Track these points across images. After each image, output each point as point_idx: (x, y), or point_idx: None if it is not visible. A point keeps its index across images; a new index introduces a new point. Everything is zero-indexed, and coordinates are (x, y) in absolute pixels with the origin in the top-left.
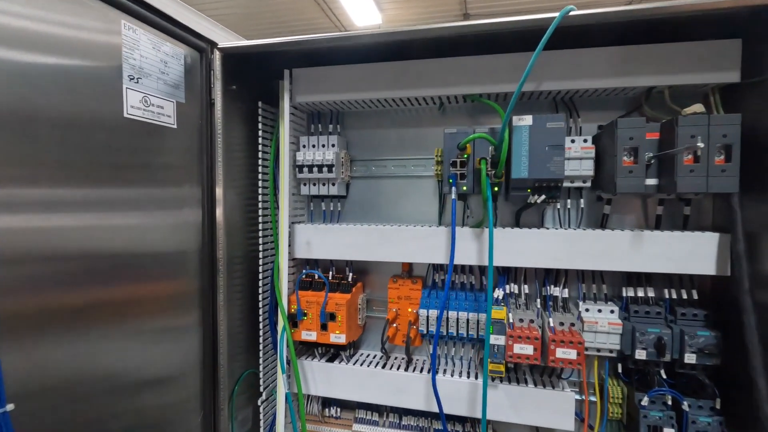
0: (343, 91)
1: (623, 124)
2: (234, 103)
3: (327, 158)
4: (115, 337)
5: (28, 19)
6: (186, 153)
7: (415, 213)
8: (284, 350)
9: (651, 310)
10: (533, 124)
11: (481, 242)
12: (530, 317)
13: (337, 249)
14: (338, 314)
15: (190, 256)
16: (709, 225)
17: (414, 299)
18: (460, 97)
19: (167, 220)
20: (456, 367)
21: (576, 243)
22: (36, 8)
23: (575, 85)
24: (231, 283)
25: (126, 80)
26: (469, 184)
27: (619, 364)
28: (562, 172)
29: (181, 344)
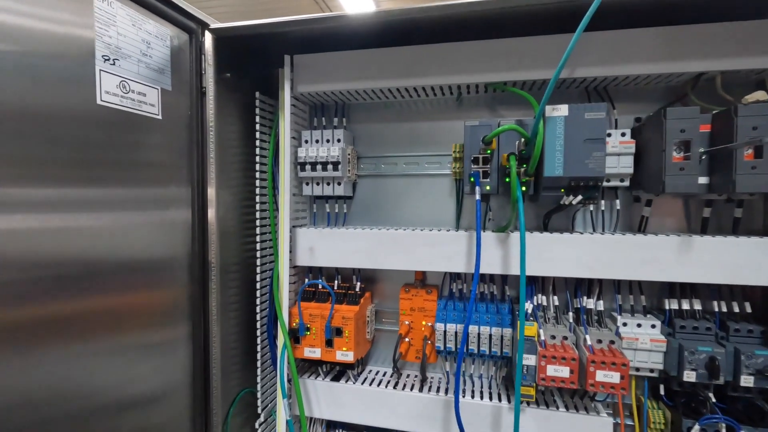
0: (351, 79)
1: (673, 114)
2: (228, 94)
3: (332, 154)
4: (92, 352)
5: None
6: (173, 147)
7: (430, 216)
8: (285, 369)
9: (699, 325)
10: (569, 114)
11: (506, 248)
12: (563, 333)
13: (343, 256)
14: (345, 329)
15: (179, 263)
16: (760, 228)
17: (428, 311)
18: (480, 86)
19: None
20: (475, 386)
21: (614, 250)
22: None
23: (614, 72)
24: (225, 293)
25: (99, 61)
26: (493, 183)
27: (661, 385)
28: (603, 169)
29: (168, 361)
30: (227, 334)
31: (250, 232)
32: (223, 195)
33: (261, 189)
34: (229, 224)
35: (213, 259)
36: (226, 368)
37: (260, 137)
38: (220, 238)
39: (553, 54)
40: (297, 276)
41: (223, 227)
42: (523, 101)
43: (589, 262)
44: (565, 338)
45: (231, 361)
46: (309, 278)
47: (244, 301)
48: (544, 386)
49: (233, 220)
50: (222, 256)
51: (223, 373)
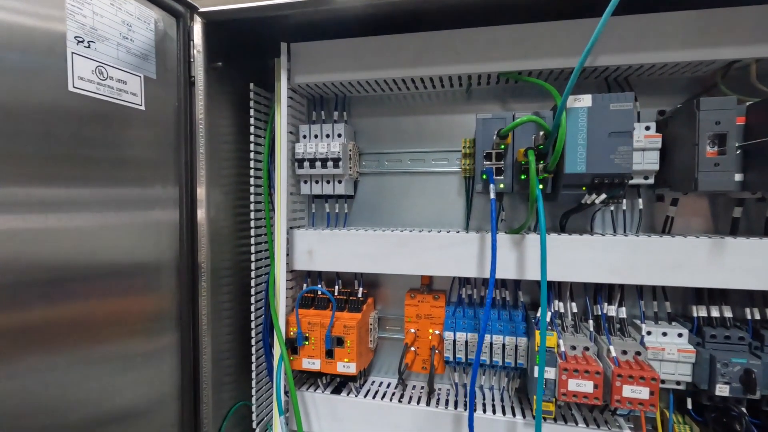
0: (352, 69)
1: (708, 104)
2: (220, 85)
3: (332, 150)
4: (70, 363)
5: None
6: (159, 142)
7: (436, 216)
8: (282, 382)
9: (731, 334)
10: (593, 105)
11: (521, 251)
12: (583, 343)
13: (344, 259)
14: (347, 338)
15: (165, 267)
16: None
17: (436, 318)
18: (492, 77)
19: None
20: (486, 399)
21: (640, 252)
22: None
23: (640, 60)
24: (217, 299)
25: (71, 43)
26: (507, 180)
27: (688, 398)
28: (630, 165)
29: (154, 372)
30: (219, 342)
31: (245, 233)
32: (214, 194)
33: (256, 188)
34: (221, 225)
35: (203, 262)
36: (219, 380)
37: (255, 132)
38: (211, 240)
39: (572, 41)
40: (294, 281)
41: (214, 228)
42: (536, 94)
43: (612, 266)
44: (586, 349)
45: (224, 372)
46: (307, 283)
47: (237, 307)
48: (564, 401)
49: (226, 221)
50: (213, 260)
51: (215, 385)
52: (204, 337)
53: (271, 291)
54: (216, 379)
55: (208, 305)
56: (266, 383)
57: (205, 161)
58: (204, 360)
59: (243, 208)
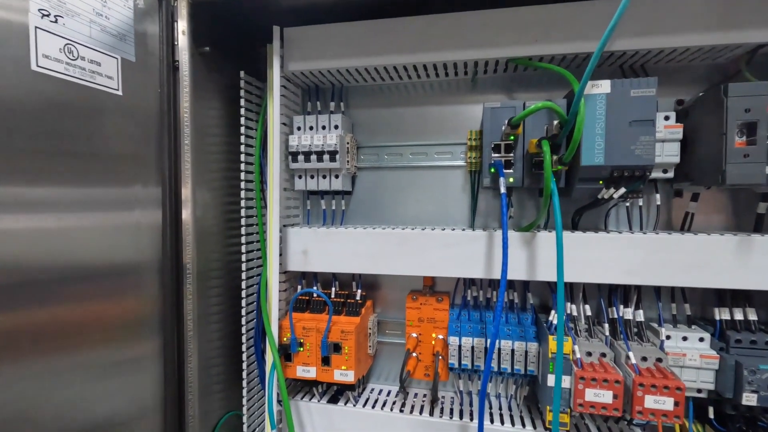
0: (350, 56)
1: (736, 90)
2: (208, 72)
3: (328, 143)
4: (43, 372)
5: None
6: (139, 134)
7: (440, 213)
8: (274, 392)
9: (758, 338)
10: (612, 92)
11: (531, 250)
12: (600, 349)
13: (342, 259)
14: (344, 344)
15: (146, 270)
16: None
17: (439, 322)
18: (500, 63)
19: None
20: (493, 407)
21: (659, 251)
22: None
23: (660, 44)
24: (205, 302)
25: (35, 16)
26: (517, 174)
27: (710, 407)
28: (653, 156)
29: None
30: (208, 348)
31: (235, 232)
32: (201, 192)
33: (247, 183)
34: (209, 224)
35: (188, 263)
36: (207, 388)
37: (246, 123)
38: (198, 240)
39: (586, 24)
40: (288, 283)
41: (201, 228)
42: (545, 83)
43: (629, 266)
44: (603, 355)
45: (213, 380)
46: (302, 285)
47: (228, 311)
48: (579, 413)
49: (214, 219)
50: (200, 261)
51: (203, 393)
52: (189, 343)
53: (262, 293)
54: (204, 388)
55: (194, 309)
56: (258, 392)
57: (191, 155)
58: (189, 367)
59: (233, 206)
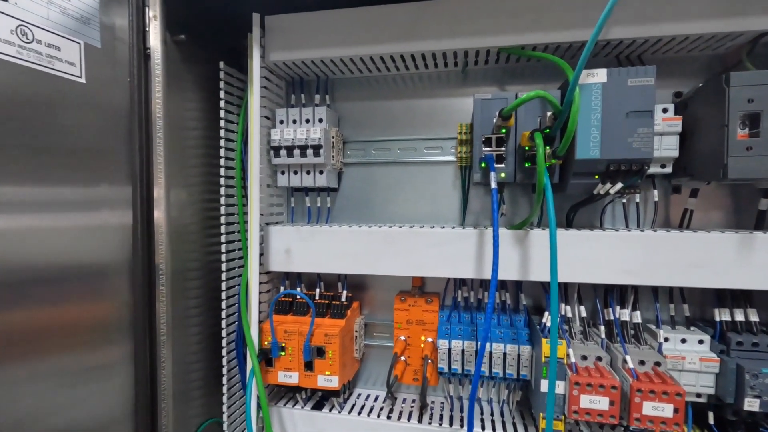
0: (335, 45)
1: (739, 79)
2: (185, 62)
3: (312, 137)
4: (5, 380)
5: None
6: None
7: (429, 211)
8: (252, 399)
9: (760, 341)
10: (609, 81)
11: (524, 249)
12: (595, 353)
13: (326, 259)
14: (328, 348)
15: (114, 272)
16: None
17: (429, 324)
18: (492, 54)
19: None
20: (484, 413)
21: (657, 250)
22: None
23: (658, 32)
24: (183, 305)
25: None
26: (509, 169)
27: (709, 412)
28: (651, 149)
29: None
30: (185, 353)
31: (215, 231)
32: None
33: (227, 179)
34: (186, 222)
35: (161, 263)
36: (184, 394)
37: (226, 117)
38: (173, 239)
39: (581, 11)
40: (271, 283)
41: (177, 226)
42: (537, 75)
43: (626, 265)
44: (598, 359)
45: (191, 385)
46: (285, 286)
47: (208, 313)
48: (574, 420)
49: (193, 217)
50: (175, 261)
51: (180, 400)
52: (163, 347)
53: (242, 295)
54: (180, 394)
55: (168, 312)
56: (240, 398)
57: (164, 151)
58: (163, 373)
59: (213, 203)
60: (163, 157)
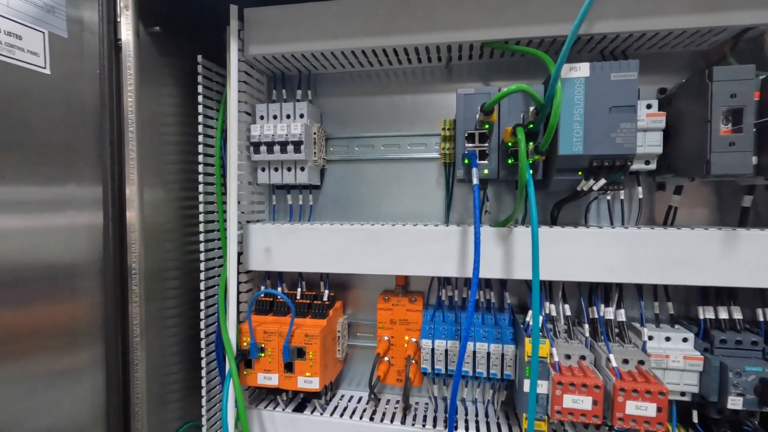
0: (316, 38)
1: (722, 73)
2: (162, 56)
3: (293, 132)
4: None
5: None
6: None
7: (414, 208)
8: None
9: (743, 338)
10: (591, 75)
11: (507, 247)
12: (579, 352)
13: (307, 258)
14: (309, 349)
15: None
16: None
17: (413, 323)
18: (475, 48)
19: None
20: (469, 414)
21: (641, 247)
22: None
23: (641, 26)
24: (159, 306)
25: None
26: (492, 165)
27: (693, 410)
28: (634, 144)
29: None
30: (162, 354)
31: (195, 230)
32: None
33: (206, 176)
34: (162, 221)
35: (134, 263)
36: (160, 398)
37: (205, 112)
38: (148, 239)
39: (565, 5)
40: (252, 283)
41: (152, 225)
42: (523, 70)
43: (610, 262)
44: (582, 358)
45: (168, 388)
46: (266, 286)
47: (187, 314)
48: (558, 420)
49: (170, 216)
50: (151, 261)
51: (155, 403)
52: (136, 350)
53: (221, 295)
54: (156, 398)
55: (141, 313)
56: (220, 400)
57: (137, 148)
58: (136, 376)
59: (192, 201)
60: (136, 154)
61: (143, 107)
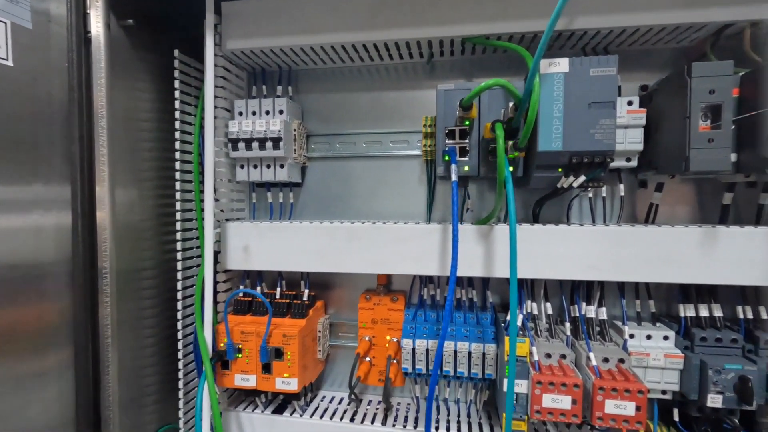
0: (296, 32)
1: (701, 69)
2: (136, 50)
3: (272, 129)
4: None
5: None
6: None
7: (396, 206)
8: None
9: (723, 336)
10: (570, 71)
11: (489, 245)
12: (560, 350)
13: (286, 256)
14: (287, 349)
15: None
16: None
17: (394, 323)
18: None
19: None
20: (451, 414)
21: (623, 245)
22: None
23: (622, 22)
24: (134, 307)
25: None
26: (473, 162)
27: (674, 409)
28: (613, 141)
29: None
30: (137, 357)
31: (172, 228)
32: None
33: (183, 174)
34: (137, 220)
35: (106, 265)
36: (135, 401)
37: (182, 108)
38: (122, 238)
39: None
40: (232, 282)
41: (125, 225)
42: (505, 67)
43: (592, 260)
44: (563, 357)
45: (144, 391)
46: (245, 285)
47: (164, 314)
48: (537, 420)
49: (145, 215)
50: (125, 261)
51: (129, 407)
52: (108, 352)
53: (197, 295)
54: (130, 401)
55: (113, 314)
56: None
57: (108, 146)
58: (108, 378)
59: (169, 199)
60: (107, 151)
61: (116, 103)
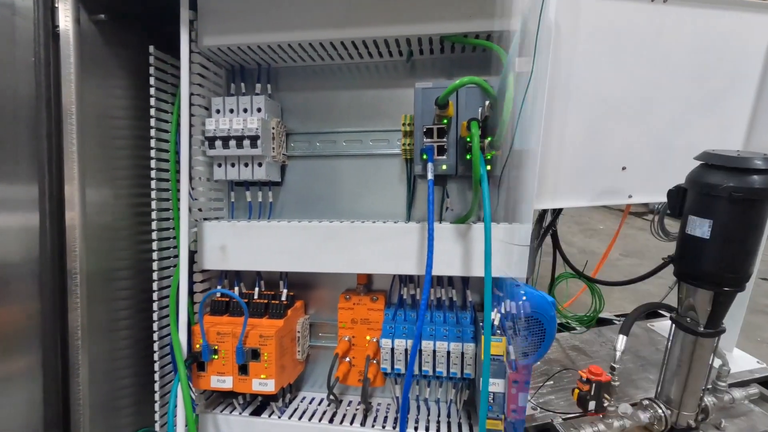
0: (272, 29)
1: None
2: (109, 46)
3: (249, 127)
4: None
5: None
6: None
7: (377, 206)
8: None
9: None
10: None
11: (467, 244)
12: None
13: (263, 256)
14: (263, 350)
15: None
16: None
17: (374, 323)
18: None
19: None
20: (431, 414)
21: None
22: None
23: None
24: (109, 308)
25: None
26: (450, 161)
27: None
28: None
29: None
30: (110, 359)
31: (147, 228)
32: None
33: (159, 172)
34: (110, 220)
35: (75, 267)
36: (108, 404)
37: (158, 105)
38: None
39: None
40: (208, 282)
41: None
42: (486, 66)
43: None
44: None
45: (117, 394)
46: (222, 285)
47: (140, 315)
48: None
49: (119, 215)
50: (97, 262)
51: (102, 411)
52: (77, 355)
53: (173, 295)
54: (102, 405)
55: (84, 317)
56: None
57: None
58: (77, 382)
59: (145, 198)
60: (76, 150)
61: (87, 100)
